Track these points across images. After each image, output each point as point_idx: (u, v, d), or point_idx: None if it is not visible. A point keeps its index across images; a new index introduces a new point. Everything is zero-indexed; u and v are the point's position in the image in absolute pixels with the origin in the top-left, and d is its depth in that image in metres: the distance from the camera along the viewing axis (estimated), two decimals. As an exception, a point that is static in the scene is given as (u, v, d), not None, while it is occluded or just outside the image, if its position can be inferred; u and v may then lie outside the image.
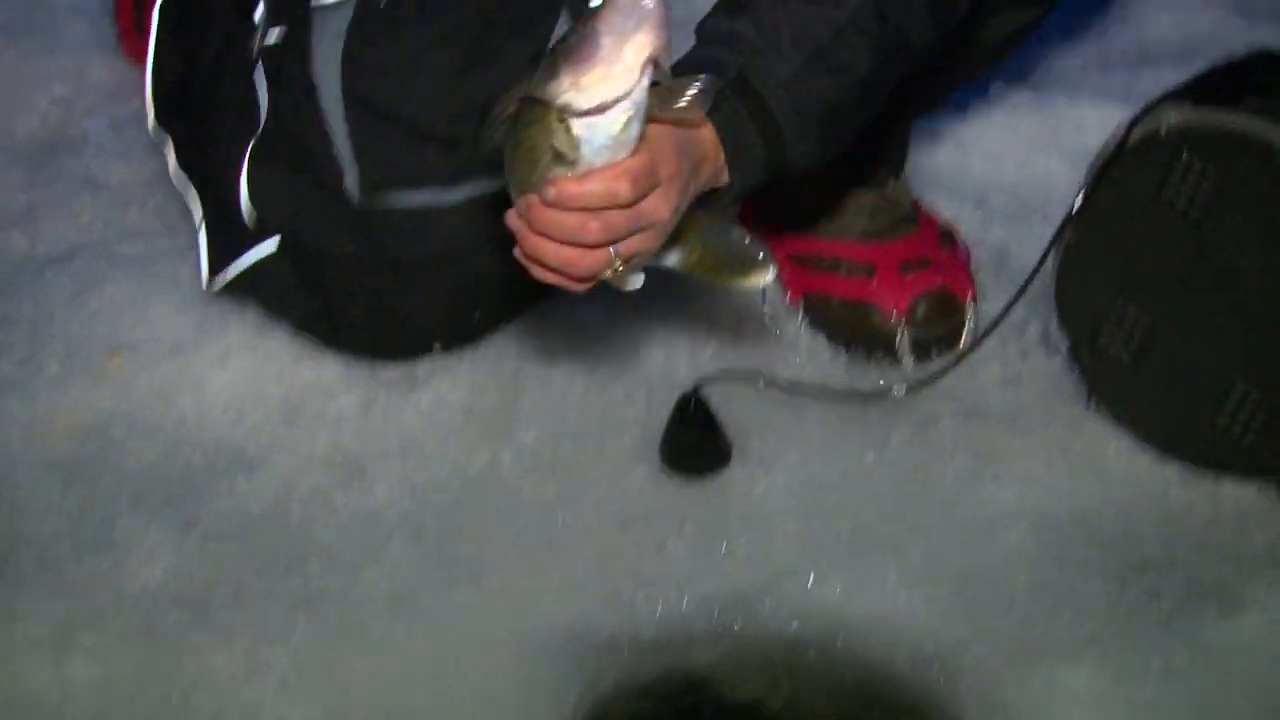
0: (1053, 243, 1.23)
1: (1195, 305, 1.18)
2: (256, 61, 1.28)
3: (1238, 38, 1.66)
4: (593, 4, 0.90)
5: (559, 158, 0.91)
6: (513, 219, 0.93)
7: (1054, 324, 1.28)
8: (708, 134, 0.98)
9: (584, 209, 0.90)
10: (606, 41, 0.89)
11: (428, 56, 1.25)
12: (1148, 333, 1.21)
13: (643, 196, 0.91)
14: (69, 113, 1.59)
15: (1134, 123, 1.18)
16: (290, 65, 1.26)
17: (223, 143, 1.31)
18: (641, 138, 0.91)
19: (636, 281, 1.01)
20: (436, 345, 1.32)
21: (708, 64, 1.00)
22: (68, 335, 1.32)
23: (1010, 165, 1.53)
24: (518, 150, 0.93)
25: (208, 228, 1.33)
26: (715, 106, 0.98)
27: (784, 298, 1.38)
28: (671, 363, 1.32)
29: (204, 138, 1.34)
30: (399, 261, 1.28)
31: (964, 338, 1.34)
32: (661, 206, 0.93)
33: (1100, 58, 1.67)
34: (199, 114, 1.34)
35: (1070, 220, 1.22)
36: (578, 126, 0.90)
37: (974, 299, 1.35)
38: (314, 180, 1.26)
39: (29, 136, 1.57)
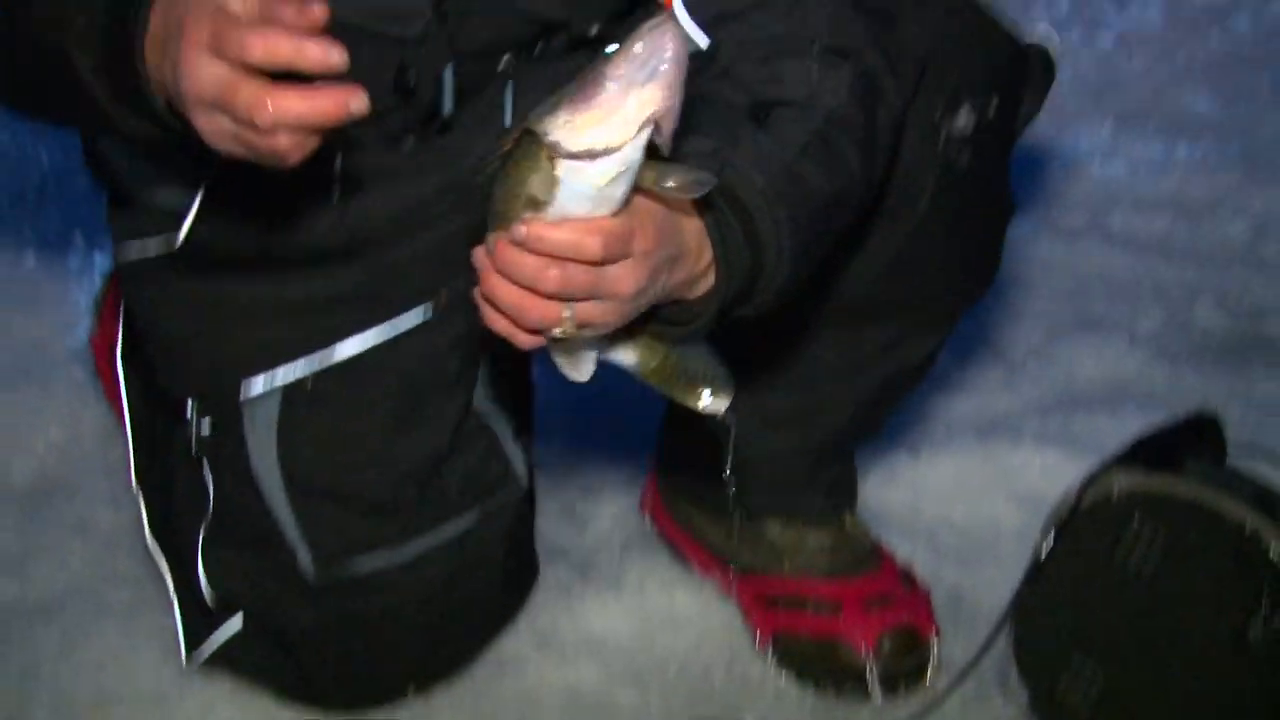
0: (1012, 604, 1.30)
1: (1149, 663, 1.25)
2: (198, 452, 1.32)
3: (1161, 380, 1.82)
4: (608, 50, 0.88)
5: (533, 200, 0.87)
6: (479, 255, 0.90)
7: (1013, 673, 1.33)
8: (693, 231, 0.95)
9: (549, 254, 0.86)
10: (612, 87, 0.85)
11: (358, 427, 1.29)
12: (1105, 687, 1.26)
13: (611, 260, 0.88)
14: (64, 457, 1.64)
15: (1086, 485, 1.27)
16: (228, 455, 1.29)
17: (183, 519, 1.35)
18: (626, 203, 0.88)
19: (585, 369, 0.97)
20: (411, 689, 1.36)
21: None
22: (56, 687, 1.34)
23: (960, 507, 1.60)
24: (505, 183, 0.89)
25: (180, 602, 1.36)
26: (707, 204, 0.95)
27: (754, 639, 1.44)
28: (644, 711, 1.36)
29: (168, 510, 1.38)
30: (363, 621, 1.32)
31: (928, 674, 1.39)
32: (627, 280, 0.89)
33: (1036, 401, 1.78)
34: (163, 485, 1.38)
35: (1026, 582, 1.29)
36: (562, 168, 0.86)
37: (938, 634, 1.41)
38: (268, 561, 1.30)
39: (25, 480, 1.62)
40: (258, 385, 1.27)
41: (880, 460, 1.61)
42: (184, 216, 1.25)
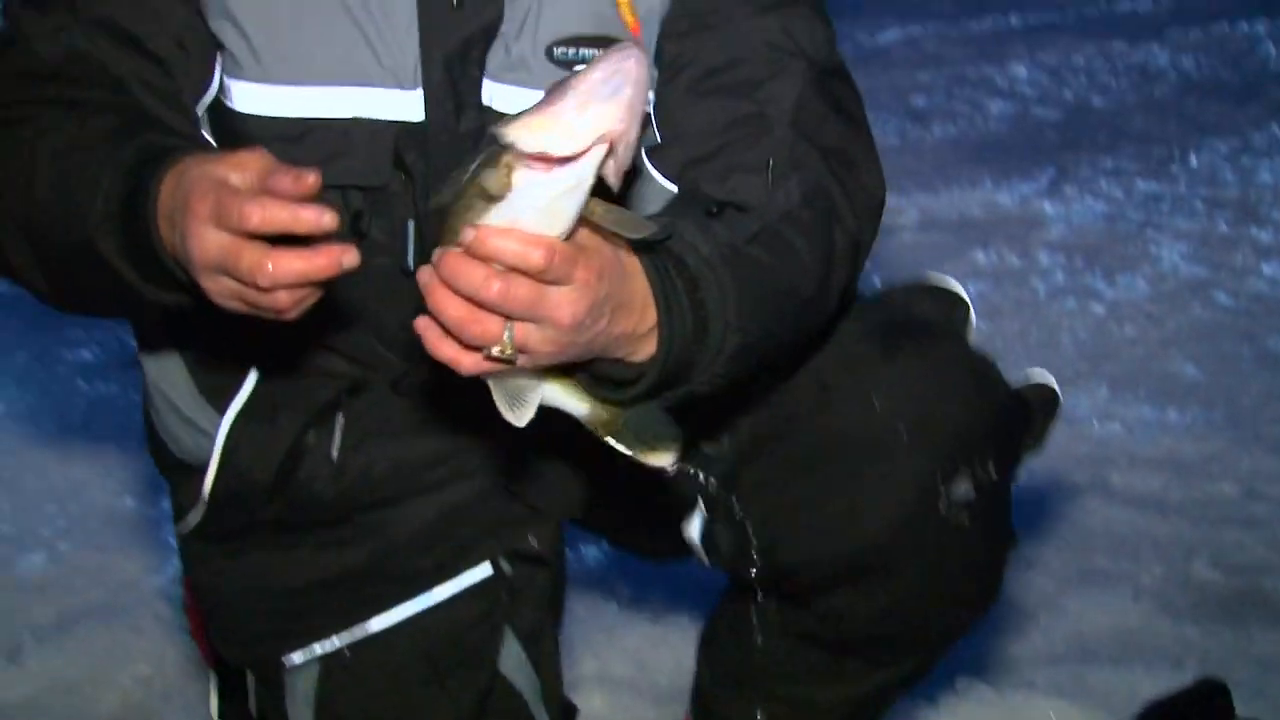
0: None
1: None
2: (258, 706, 1.40)
3: (1166, 634, 1.92)
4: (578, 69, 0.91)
5: (489, 200, 0.87)
6: (423, 273, 0.91)
7: None
8: (639, 289, 0.97)
9: (494, 259, 0.88)
10: (572, 97, 0.87)
11: (389, 696, 1.34)
12: None
13: (554, 281, 0.89)
14: (149, 691, 1.74)
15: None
16: (275, 715, 1.36)
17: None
18: (573, 231, 0.89)
19: (524, 412, 0.97)
20: None
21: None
22: None
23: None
24: (461, 195, 0.90)
25: None
26: (655, 271, 0.97)
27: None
28: None
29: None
30: None
31: None
32: (566, 307, 0.90)
33: (1047, 652, 1.88)
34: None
35: None
36: (517, 174, 0.87)
37: None
38: None
39: (109, 713, 1.71)
40: (297, 657, 1.35)
41: (900, 708, 1.70)
42: (205, 474, 1.31)
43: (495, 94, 1.19)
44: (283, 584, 1.35)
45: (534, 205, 0.88)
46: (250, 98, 1.17)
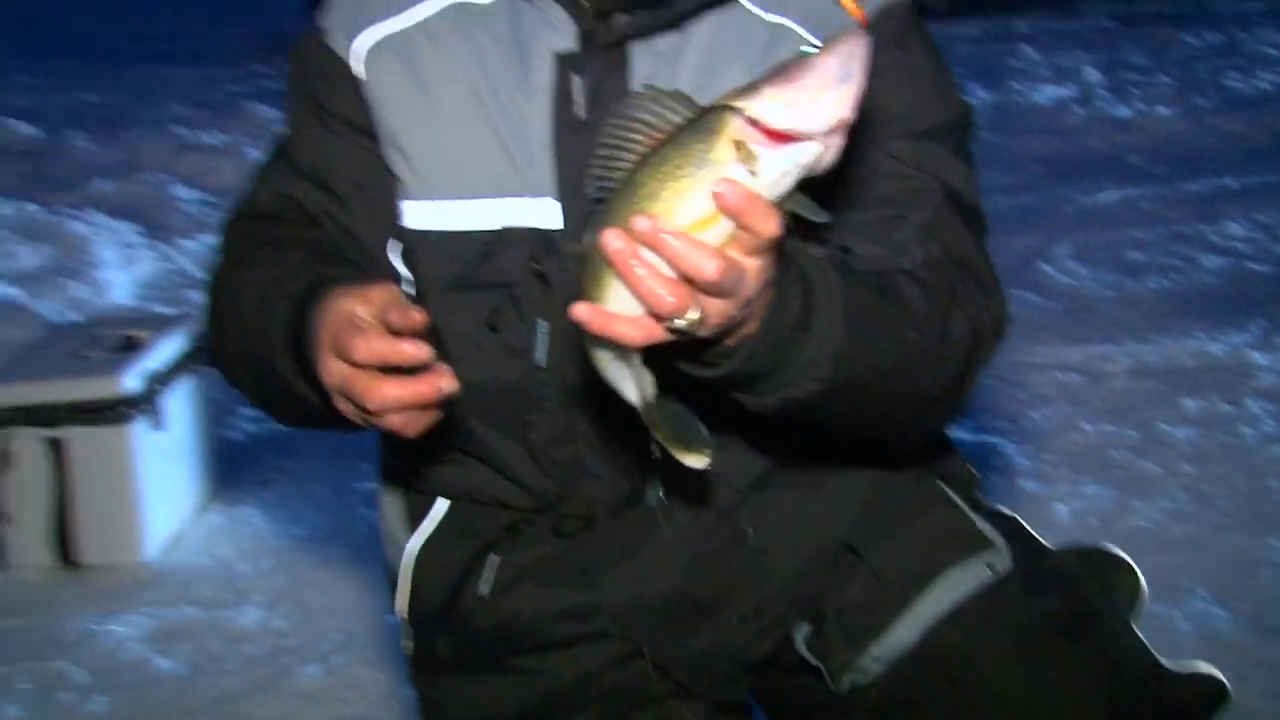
0: None
1: None
2: None
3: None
4: (803, 49, 0.89)
5: (705, 166, 0.85)
6: (615, 237, 0.89)
7: None
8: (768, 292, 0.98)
9: (742, 226, 0.87)
10: (813, 76, 0.85)
11: None
12: None
13: (763, 255, 0.91)
14: None
15: None
16: None
17: None
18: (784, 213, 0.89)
19: (635, 392, 0.99)
20: None
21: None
22: None
23: None
24: (670, 159, 0.87)
25: None
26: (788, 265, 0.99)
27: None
28: None
29: None
30: None
31: None
32: (751, 284, 0.92)
33: None
34: None
35: None
36: (758, 146, 0.85)
37: None
38: None
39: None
40: None
41: None
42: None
43: None
44: (468, 716, 1.39)
45: (765, 179, 0.87)
46: (417, 215, 1.27)
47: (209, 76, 7.91)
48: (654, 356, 0.99)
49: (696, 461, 0.99)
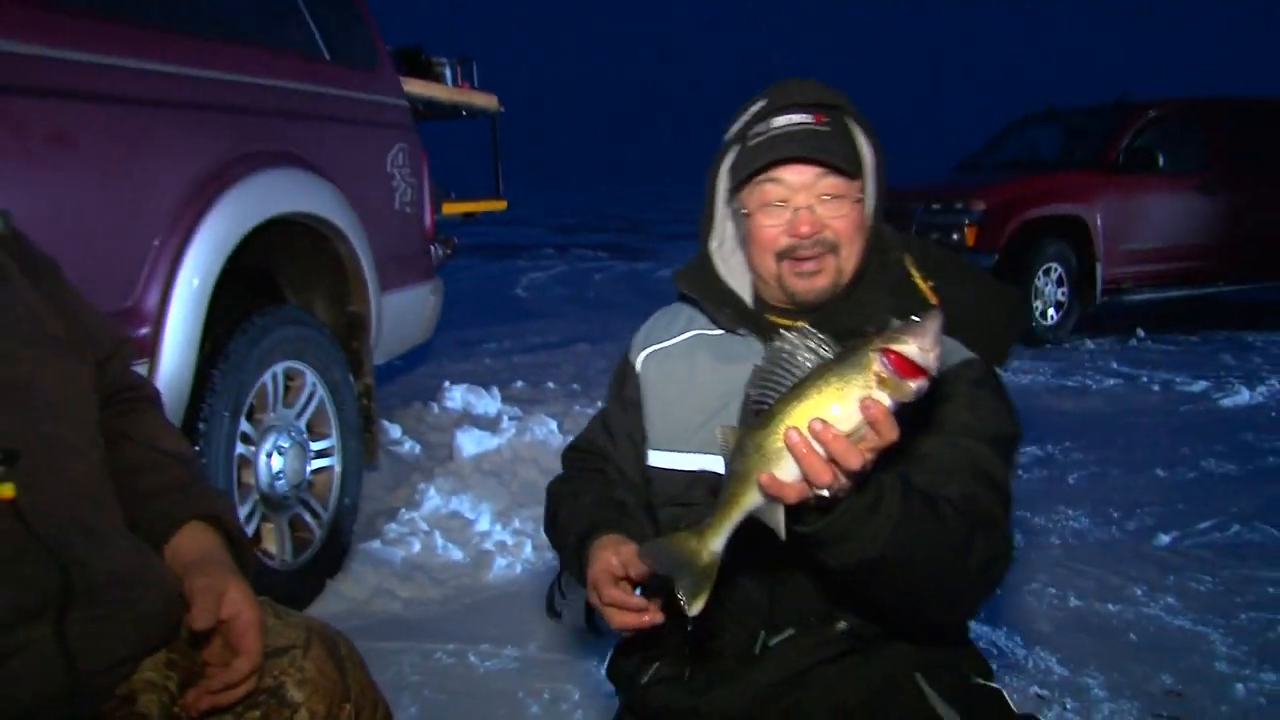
0: None
1: None
2: None
3: None
4: (913, 318, 1.18)
5: (858, 385, 1.14)
6: (796, 435, 1.21)
7: None
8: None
9: (875, 432, 1.19)
10: (931, 335, 1.15)
11: None
12: None
13: (876, 454, 1.25)
14: None
15: None
16: None
17: None
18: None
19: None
20: None
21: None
22: None
23: None
24: (832, 382, 1.16)
25: None
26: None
27: None
28: None
29: None
30: None
31: None
32: (868, 470, 1.27)
33: None
34: None
35: None
36: (892, 381, 1.13)
37: None
38: None
39: None
40: None
41: None
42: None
43: None
44: None
45: (897, 396, 1.17)
46: (654, 459, 1.83)
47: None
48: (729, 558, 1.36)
49: (693, 607, 1.33)
